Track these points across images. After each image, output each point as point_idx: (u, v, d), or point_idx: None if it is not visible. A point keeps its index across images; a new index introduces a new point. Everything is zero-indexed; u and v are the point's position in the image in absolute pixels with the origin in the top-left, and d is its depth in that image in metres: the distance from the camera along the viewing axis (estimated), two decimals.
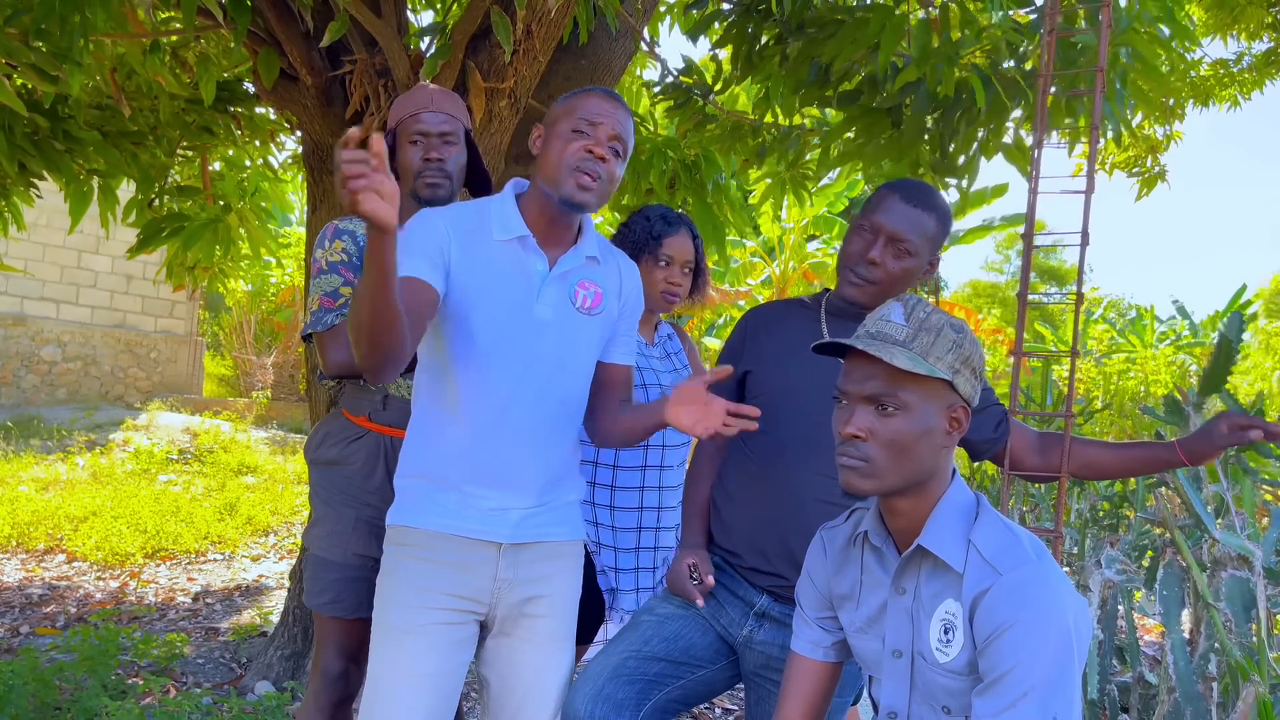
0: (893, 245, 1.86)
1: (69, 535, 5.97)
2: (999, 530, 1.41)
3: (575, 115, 1.75)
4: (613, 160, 1.76)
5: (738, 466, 1.97)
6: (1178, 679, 2.36)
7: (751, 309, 2.10)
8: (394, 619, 1.77)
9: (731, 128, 4.08)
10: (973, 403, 1.45)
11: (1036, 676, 1.28)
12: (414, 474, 1.83)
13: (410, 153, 2.17)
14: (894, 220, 1.85)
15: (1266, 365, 10.70)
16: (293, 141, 4.75)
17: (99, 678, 3.20)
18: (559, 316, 1.80)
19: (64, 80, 2.81)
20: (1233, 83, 5.72)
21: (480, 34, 2.97)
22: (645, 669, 1.87)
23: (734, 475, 1.97)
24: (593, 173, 1.73)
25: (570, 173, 1.72)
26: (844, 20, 3.08)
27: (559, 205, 1.75)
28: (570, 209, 1.76)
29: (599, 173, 1.73)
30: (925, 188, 1.90)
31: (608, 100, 1.78)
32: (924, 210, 1.87)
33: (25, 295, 11.49)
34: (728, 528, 1.96)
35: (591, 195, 1.74)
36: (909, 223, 1.85)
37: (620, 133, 1.77)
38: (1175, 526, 2.54)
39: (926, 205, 1.87)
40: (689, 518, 2.05)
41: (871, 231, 1.87)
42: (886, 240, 1.86)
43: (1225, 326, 2.66)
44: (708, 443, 2.07)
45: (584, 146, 1.72)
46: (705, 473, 2.05)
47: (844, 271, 1.91)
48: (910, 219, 1.85)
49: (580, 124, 1.74)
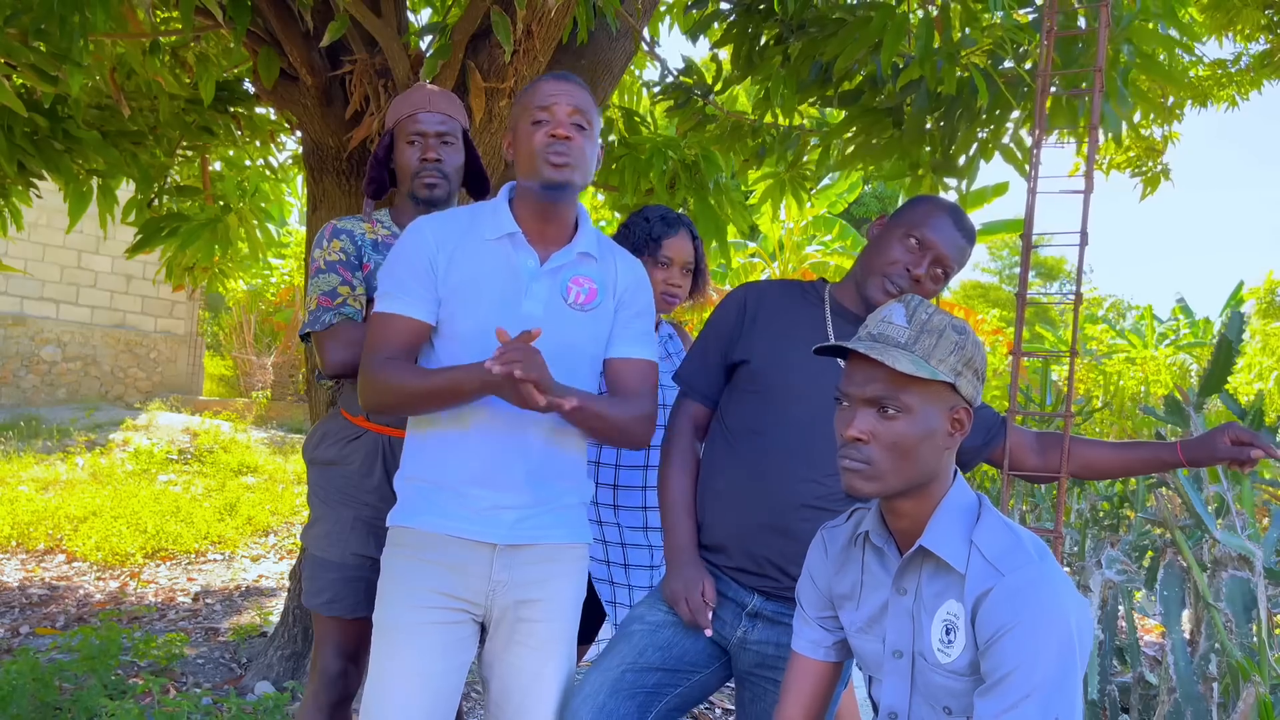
0: (937, 266, 1.86)
1: (69, 535, 5.97)
2: (1001, 531, 1.41)
3: (530, 108, 1.78)
4: (579, 135, 1.76)
5: (727, 464, 1.90)
6: (1178, 679, 2.36)
7: (750, 285, 2.01)
8: (390, 619, 1.77)
9: (731, 128, 4.08)
10: (975, 404, 1.44)
11: (1039, 678, 1.28)
12: (411, 475, 1.84)
13: (408, 153, 2.17)
14: (946, 243, 1.85)
15: (1265, 364, 10.70)
16: (293, 141, 4.75)
17: (99, 678, 3.20)
18: (550, 312, 1.79)
19: (63, 80, 2.81)
20: (1230, 83, 5.72)
21: (480, 34, 2.97)
22: (644, 680, 1.85)
23: (724, 474, 1.90)
24: (561, 152, 1.74)
25: (541, 161, 1.74)
26: (845, 19, 3.08)
27: (542, 193, 1.77)
28: (552, 191, 1.76)
29: (567, 150, 1.74)
30: (963, 214, 1.91)
31: (557, 81, 1.79)
32: (967, 239, 1.89)
33: (25, 295, 11.49)
34: (716, 528, 1.91)
35: (568, 171, 1.75)
36: (956, 248, 1.87)
37: (578, 106, 1.77)
38: (1176, 527, 2.54)
39: (970, 234, 1.89)
40: (676, 520, 1.94)
41: (921, 248, 1.85)
42: (933, 260, 1.85)
43: (1226, 326, 2.66)
44: (680, 419, 2.00)
45: (546, 133, 1.75)
46: (684, 463, 1.96)
47: (877, 278, 1.87)
48: (958, 245, 1.87)
49: (536, 113, 1.77)
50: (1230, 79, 5.71)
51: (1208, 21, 4.97)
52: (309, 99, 3.14)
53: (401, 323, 1.77)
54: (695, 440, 2.00)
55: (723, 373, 1.98)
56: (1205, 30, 5.00)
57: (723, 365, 1.97)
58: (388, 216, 2.24)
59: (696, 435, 2.00)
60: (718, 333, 1.99)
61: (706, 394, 2.00)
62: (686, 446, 1.99)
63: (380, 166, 2.28)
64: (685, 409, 2.01)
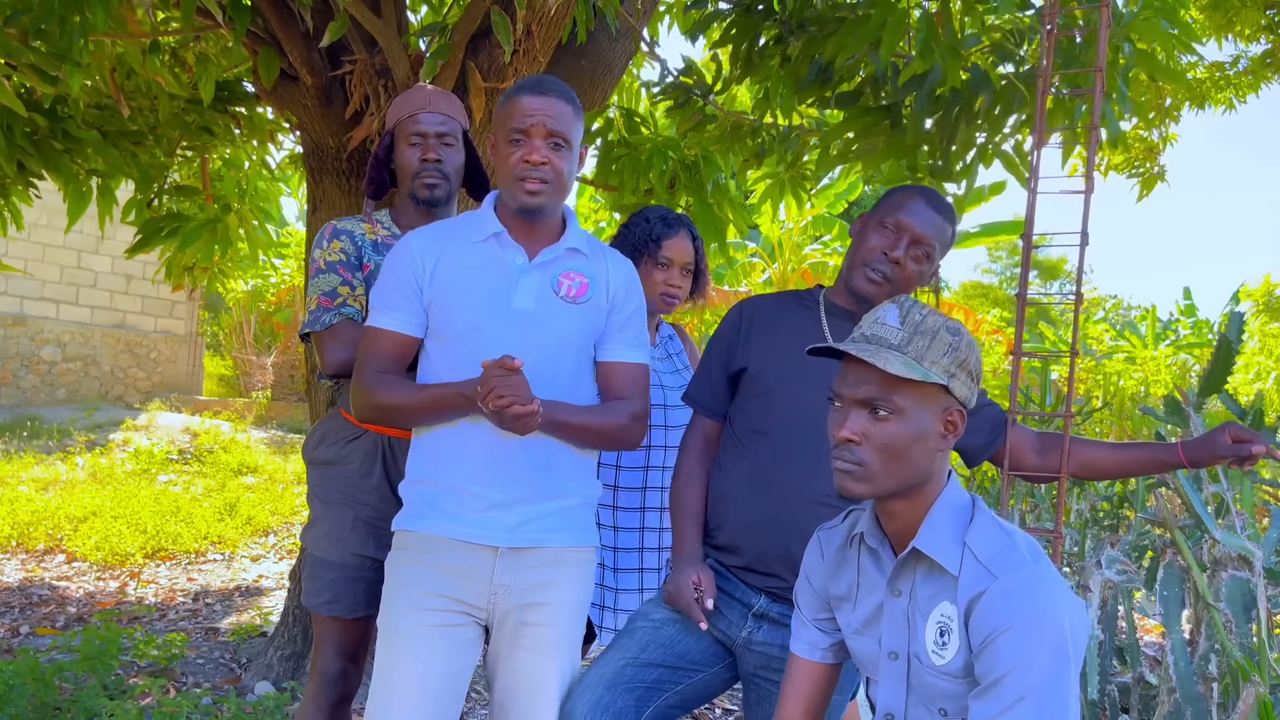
0: (915, 247, 1.88)
1: (69, 535, 5.97)
2: (994, 533, 1.40)
3: (509, 125, 1.77)
4: (555, 156, 1.77)
5: (734, 466, 1.94)
6: (1178, 679, 2.36)
7: (746, 300, 2.07)
8: (394, 623, 1.78)
9: (731, 128, 4.08)
10: (969, 405, 1.44)
11: (1032, 680, 1.27)
12: (416, 479, 1.84)
13: (408, 153, 2.17)
14: (920, 223, 1.88)
15: (1263, 364, 10.69)
16: (290, 141, 4.75)
17: (99, 678, 3.20)
18: (541, 305, 1.80)
19: (63, 80, 2.81)
20: (1228, 85, 5.72)
21: (480, 34, 2.97)
22: (643, 676, 1.86)
23: (731, 475, 1.94)
24: (535, 178, 1.75)
25: (515, 184, 1.76)
26: (845, 17, 3.07)
27: (518, 213, 1.80)
28: (528, 216, 1.79)
29: (543, 176, 1.76)
30: (939, 195, 1.94)
31: (536, 96, 1.77)
32: (945, 218, 1.91)
33: (25, 295, 11.49)
34: (724, 528, 1.93)
35: (542, 198, 1.77)
36: (933, 227, 1.89)
37: (554, 127, 1.76)
38: (1175, 527, 2.53)
39: (947, 213, 1.92)
40: (683, 525, 1.99)
41: (896, 231, 1.89)
42: (911, 241, 1.88)
43: (1226, 327, 2.66)
44: (693, 435, 2.04)
45: (521, 157, 1.75)
46: (696, 475, 2.01)
47: (860, 268, 1.91)
48: (934, 224, 1.89)
49: (513, 133, 1.77)
50: (1229, 81, 5.71)
51: (1207, 22, 4.96)
52: (309, 99, 3.15)
53: (389, 338, 1.82)
54: (706, 453, 2.03)
55: (727, 385, 2.02)
56: (1204, 31, 4.99)
57: (726, 377, 2.01)
58: (388, 217, 2.24)
59: (708, 449, 2.04)
60: (719, 348, 2.04)
61: (714, 409, 2.04)
62: (697, 459, 2.03)
63: (380, 167, 2.28)
64: (696, 425, 2.06)
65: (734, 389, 2.01)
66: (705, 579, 1.89)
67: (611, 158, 4.14)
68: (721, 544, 1.94)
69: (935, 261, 1.93)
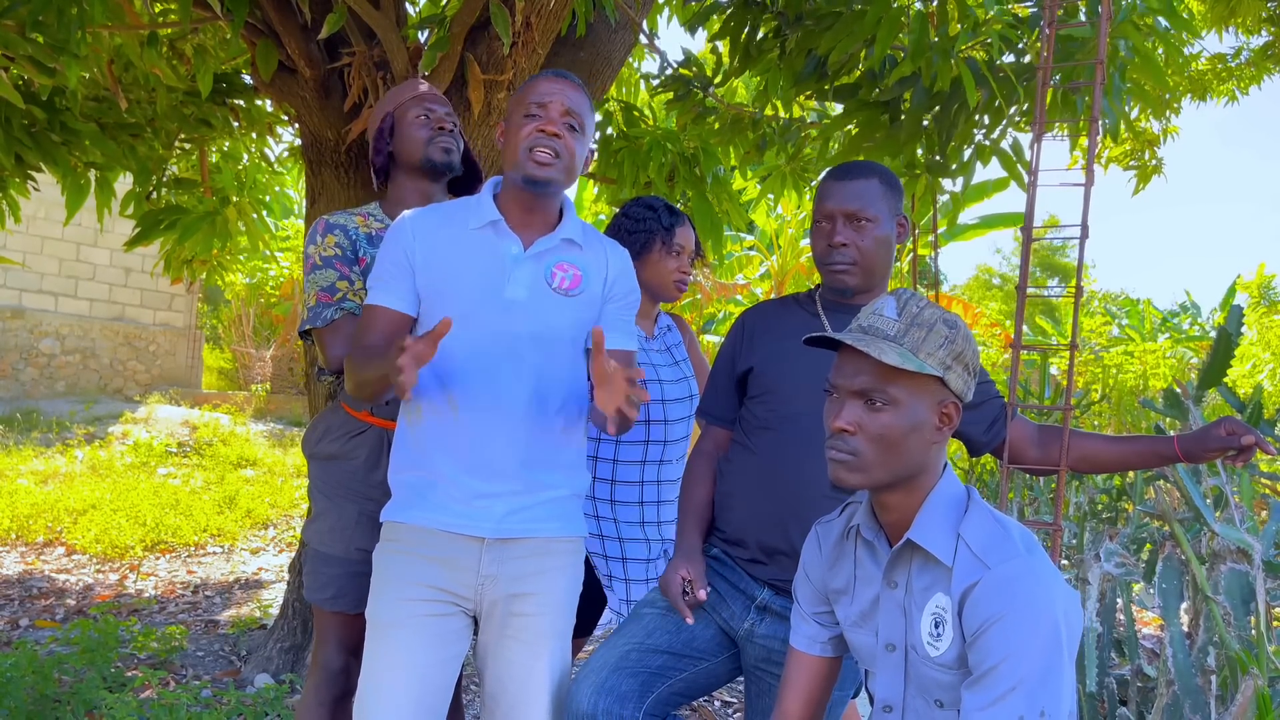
0: (850, 222, 1.90)
1: (68, 528, 5.97)
2: (988, 524, 1.41)
3: (526, 101, 1.80)
4: (569, 135, 1.79)
5: (740, 460, 1.97)
6: (1176, 672, 2.36)
7: (749, 309, 2.11)
8: (380, 613, 1.79)
9: (731, 120, 4.07)
10: (965, 398, 1.44)
11: (1025, 670, 1.28)
12: (401, 469, 1.85)
13: (417, 127, 2.17)
14: (839, 199, 1.90)
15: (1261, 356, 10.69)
16: (290, 134, 4.74)
17: (98, 670, 3.20)
18: (533, 296, 1.80)
19: (61, 72, 2.80)
20: (1230, 77, 5.71)
21: (479, 26, 2.97)
22: (648, 661, 1.87)
23: (737, 470, 1.97)
24: (548, 148, 1.76)
25: (526, 153, 1.77)
26: (841, 12, 3.07)
27: (523, 186, 1.79)
28: (533, 187, 1.78)
29: (555, 148, 1.77)
30: (855, 163, 1.96)
31: (555, 80, 1.82)
32: (863, 179, 1.92)
33: (24, 288, 11.48)
34: (730, 520, 1.96)
35: (552, 170, 1.77)
36: (853, 195, 1.90)
37: (572, 107, 1.80)
38: (1174, 520, 2.54)
39: (863, 173, 1.93)
40: (685, 522, 2.03)
41: (826, 220, 1.93)
42: (843, 220, 1.90)
43: (1225, 320, 2.66)
44: (705, 441, 2.09)
45: (536, 127, 1.77)
46: (702, 475, 2.05)
47: (822, 268, 1.96)
48: (853, 191, 1.90)
49: (531, 108, 1.79)
50: (1230, 73, 5.69)
51: (1209, 14, 4.94)
52: (307, 91, 3.14)
53: (381, 313, 1.82)
54: (717, 456, 2.07)
55: (735, 392, 2.05)
56: (1206, 23, 4.97)
57: (733, 383, 2.05)
58: (379, 209, 2.22)
59: (719, 453, 2.07)
60: (725, 357, 2.08)
61: (725, 416, 2.08)
62: (707, 463, 2.06)
63: (382, 150, 2.25)
64: (709, 434, 2.11)
65: (742, 393, 2.04)
66: (695, 573, 1.92)
67: (610, 150, 4.14)
68: (733, 537, 1.96)
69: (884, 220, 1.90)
